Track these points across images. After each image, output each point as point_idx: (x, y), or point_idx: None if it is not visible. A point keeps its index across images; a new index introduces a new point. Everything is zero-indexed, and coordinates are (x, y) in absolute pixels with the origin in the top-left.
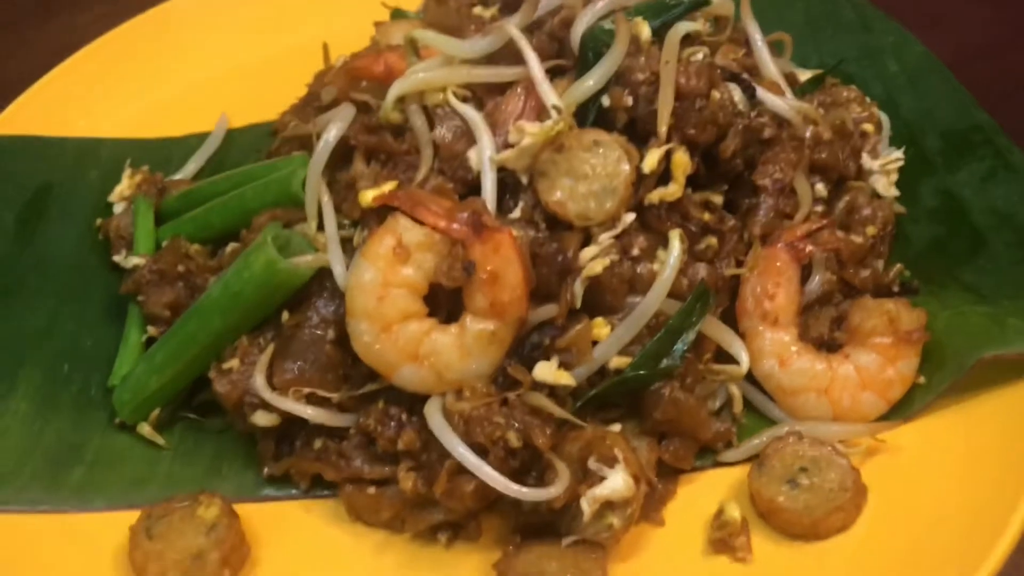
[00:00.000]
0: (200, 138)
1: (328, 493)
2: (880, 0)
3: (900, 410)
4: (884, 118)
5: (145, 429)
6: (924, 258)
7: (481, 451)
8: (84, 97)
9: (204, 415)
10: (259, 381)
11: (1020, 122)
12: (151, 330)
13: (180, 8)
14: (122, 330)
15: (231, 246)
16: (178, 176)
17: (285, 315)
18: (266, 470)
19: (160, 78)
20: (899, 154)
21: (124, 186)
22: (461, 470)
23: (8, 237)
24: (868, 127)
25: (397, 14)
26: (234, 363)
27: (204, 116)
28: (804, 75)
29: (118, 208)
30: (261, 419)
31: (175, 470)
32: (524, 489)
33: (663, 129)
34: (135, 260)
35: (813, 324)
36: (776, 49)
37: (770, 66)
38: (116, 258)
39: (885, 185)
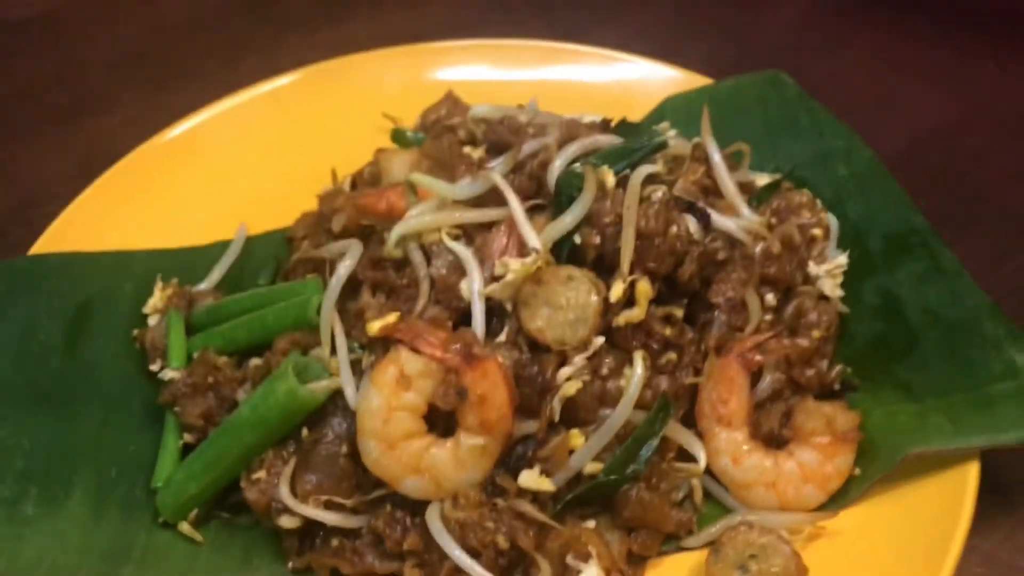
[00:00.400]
0: (222, 246)
1: None
2: (837, 85)
3: (838, 500)
4: (833, 221)
5: (185, 527)
6: (864, 355)
7: (475, 553)
8: (117, 211)
9: (235, 513)
10: (284, 491)
11: (975, 201)
12: (187, 436)
13: (203, 126)
14: (160, 435)
15: (254, 361)
16: (203, 285)
17: (305, 431)
18: (291, 564)
19: (184, 191)
20: (843, 259)
21: (156, 298)
22: (458, 569)
23: (58, 352)
24: (817, 232)
25: (398, 134)
26: (262, 474)
27: (224, 226)
28: (762, 180)
29: (152, 320)
30: (286, 522)
31: (212, 563)
32: None
33: (625, 266)
34: (171, 374)
35: (764, 419)
36: (735, 160)
37: (728, 186)
38: (152, 367)
39: (831, 287)
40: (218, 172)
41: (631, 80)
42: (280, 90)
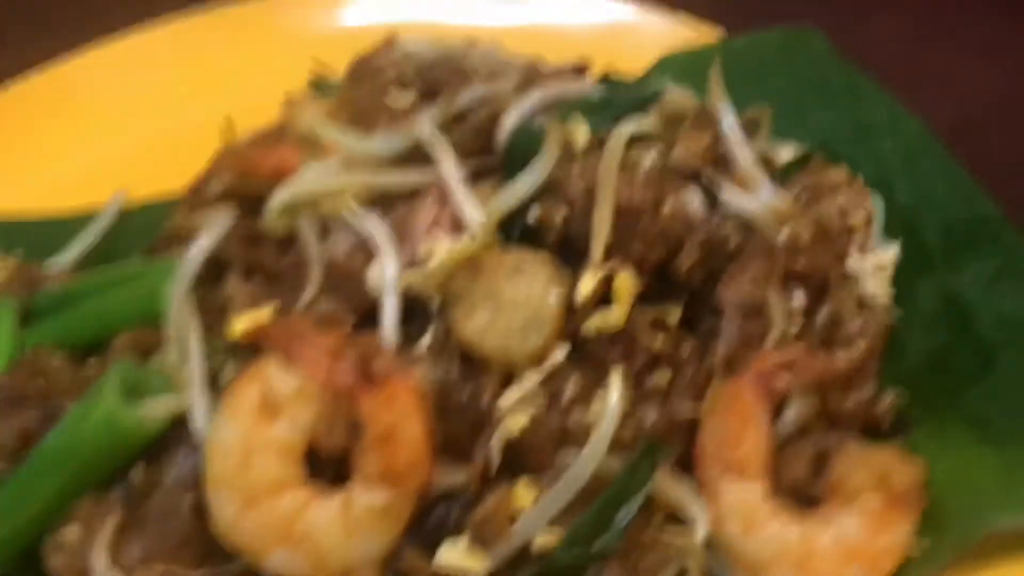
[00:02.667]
0: (91, 217)
1: None
2: (872, 59)
3: None
4: (877, 205)
5: None
6: (921, 378)
7: None
8: None
9: None
10: (100, 561)
11: None
12: None
13: (78, 69)
14: None
15: (92, 362)
16: (56, 262)
17: (139, 473)
18: None
19: (49, 149)
20: (894, 250)
21: None
22: None
23: None
24: (858, 218)
25: (317, 81)
26: (73, 532)
27: (98, 194)
28: (786, 149)
29: None
30: None
31: None
32: None
33: (598, 252)
34: None
35: (787, 464)
36: (752, 127)
37: (743, 154)
38: None
39: (876, 287)
40: (94, 125)
41: (619, 28)
42: (180, 29)
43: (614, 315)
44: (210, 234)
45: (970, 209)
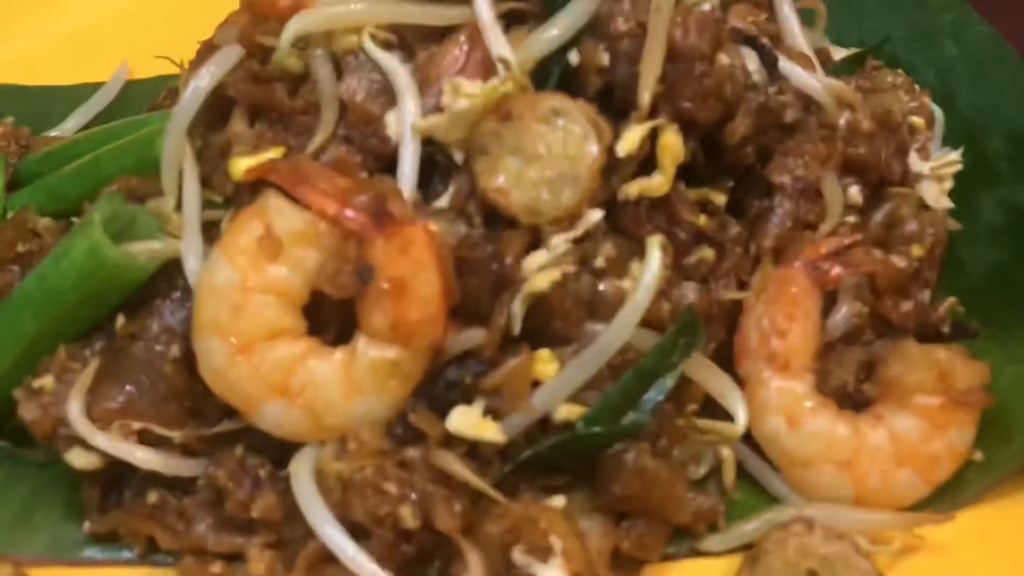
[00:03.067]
0: (94, 89)
1: (171, 560)
2: None
3: (948, 496)
4: (938, 112)
5: None
6: (983, 290)
7: (360, 531)
8: None
9: (21, 444)
10: (74, 409)
11: None
12: None
13: None
14: None
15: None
16: (55, 131)
17: (120, 320)
18: (87, 524)
19: (50, 11)
20: (956, 156)
21: None
22: (328, 557)
23: None
24: (917, 121)
25: None
26: (47, 381)
27: (102, 62)
28: (839, 54)
29: None
30: (78, 459)
31: None
32: None
33: (646, 97)
34: None
35: (835, 369)
36: (806, 19)
37: (798, 35)
38: None
39: (937, 194)
40: None
41: None
42: None
43: (656, 182)
44: (213, 69)
45: None
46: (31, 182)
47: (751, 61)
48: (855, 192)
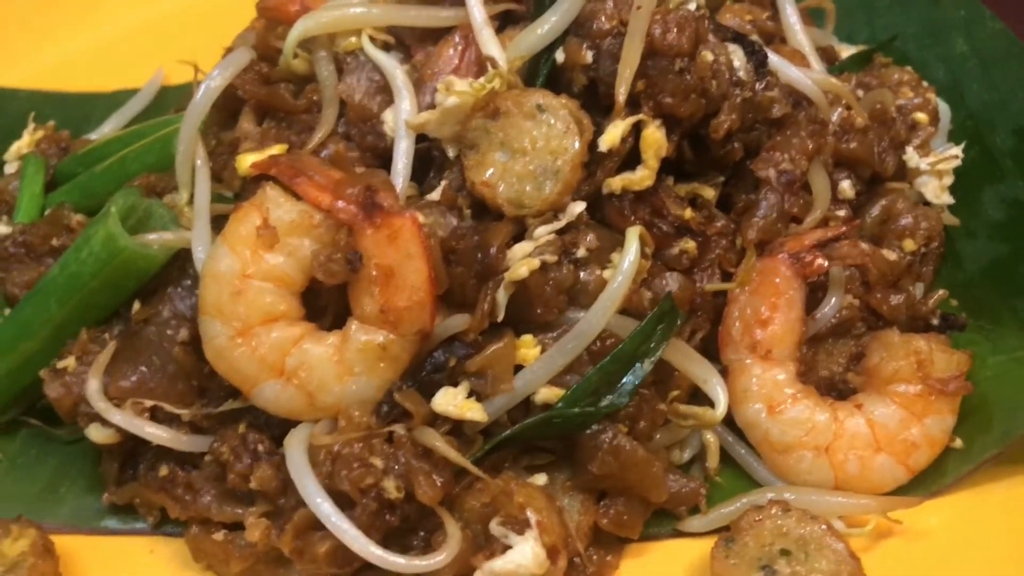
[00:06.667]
0: (130, 94)
1: (180, 532)
2: None
3: (925, 482)
4: (944, 107)
5: None
6: (978, 284)
7: (346, 501)
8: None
9: (51, 422)
10: (93, 387)
11: None
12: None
13: None
14: None
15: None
16: (93, 135)
17: (136, 306)
18: (106, 496)
19: (90, 20)
20: (956, 151)
21: (24, 143)
22: (317, 524)
23: None
24: (920, 116)
25: None
26: (70, 362)
27: (138, 69)
28: (849, 51)
29: (10, 168)
30: (96, 434)
31: (7, 486)
32: (394, 557)
33: (622, 92)
34: (2, 229)
35: (824, 361)
36: (813, 18)
37: (797, 32)
38: None
39: (936, 189)
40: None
41: None
42: None
43: (639, 175)
44: (224, 70)
45: None
46: (68, 181)
47: (736, 57)
48: (847, 186)
